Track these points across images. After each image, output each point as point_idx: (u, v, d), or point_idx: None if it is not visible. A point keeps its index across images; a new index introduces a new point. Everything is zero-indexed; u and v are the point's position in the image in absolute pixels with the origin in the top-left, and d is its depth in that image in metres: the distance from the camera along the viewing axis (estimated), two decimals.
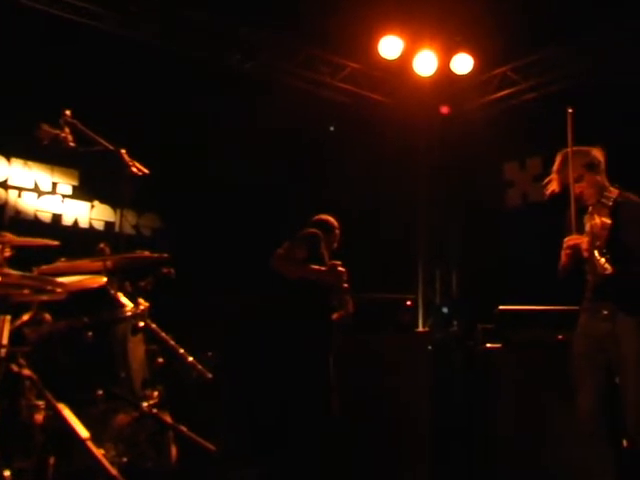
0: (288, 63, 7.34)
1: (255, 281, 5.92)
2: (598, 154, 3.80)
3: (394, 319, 5.76)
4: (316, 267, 4.35)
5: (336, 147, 7.72)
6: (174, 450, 3.47)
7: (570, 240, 3.67)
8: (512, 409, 5.17)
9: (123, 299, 3.65)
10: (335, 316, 4.57)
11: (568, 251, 3.64)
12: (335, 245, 4.76)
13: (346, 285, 4.53)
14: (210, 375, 3.96)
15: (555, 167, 3.81)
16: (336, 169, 7.53)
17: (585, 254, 3.55)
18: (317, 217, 4.80)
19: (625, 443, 3.68)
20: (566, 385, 3.85)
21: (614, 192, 3.70)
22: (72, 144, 3.63)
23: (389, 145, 7.92)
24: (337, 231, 4.77)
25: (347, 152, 7.69)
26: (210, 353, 5.15)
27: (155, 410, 3.39)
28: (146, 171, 3.95)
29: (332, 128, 8.03)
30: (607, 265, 3.39)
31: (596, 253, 3.43)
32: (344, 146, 7.73)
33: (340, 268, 4.45)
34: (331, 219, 4.79)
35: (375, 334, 5.65)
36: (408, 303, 5.85)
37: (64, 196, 6.62)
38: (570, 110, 3.80)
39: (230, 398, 5.32)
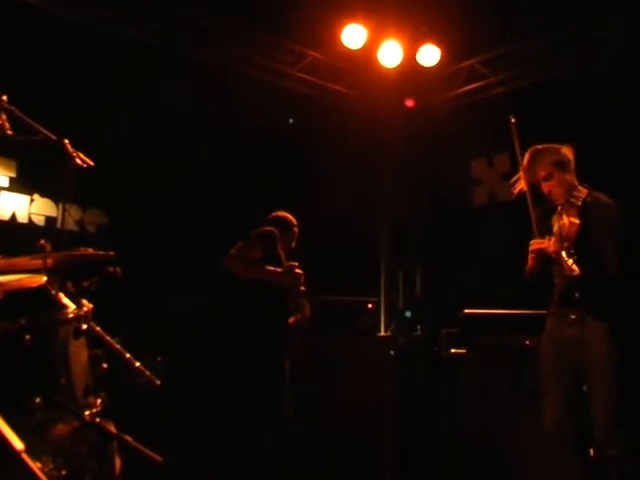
0: (245, 50, 7.30)
1: (207, 281, 5.89)
2: (568, 152, 3.87)
3: (354, 323, 5.77)
4: (271, 268, 4.34)
5: (295, 140, 7.70)
6: (118, 462, 3.42)
7: (534, 244, 3.74)
8: (477, 416, 5.24)
9: (65, 300, 3.59)
10: (291, 320, 4.57)
11: (533, 255, 3.72)
12: (293, 244, 4.76)
13: (303, 288, 4.53)
14: (158, 381, 3.91)
15: (523, 165, 3.86)
16: (295, 164, 7.53)
17: (552, 255, 3.61)
18: (274, 214, 4.79)
19: (592, 452, 3.76)
20: (533, 391, 3.91)
21: (583, 191, 3.78)
22: (9, 132, 3.54)
23: (351, 139, 7.94)
24: (295, 229, 4.76)
25: (307, 146, 7.69)
26: (159, 358, 5.11)
27: (98, 419, 3.33)
28: (91, 163, 3.88)
29: (291, 121, 8.02)
30: (575, 266, 3.46)
31: (564, 254, 3.50)
32: (304, 139, 7.72)
33: (297, 270, 4.44)
34: (289, 216, 4.79)
35: (335, 338, 5.67)
36: (369, 306, 5.87)
37: (0, 188, 6.49)
38: (513, 120, 3.89)
39: (179, 405, 5.27)
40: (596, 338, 3.62)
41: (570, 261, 3.49)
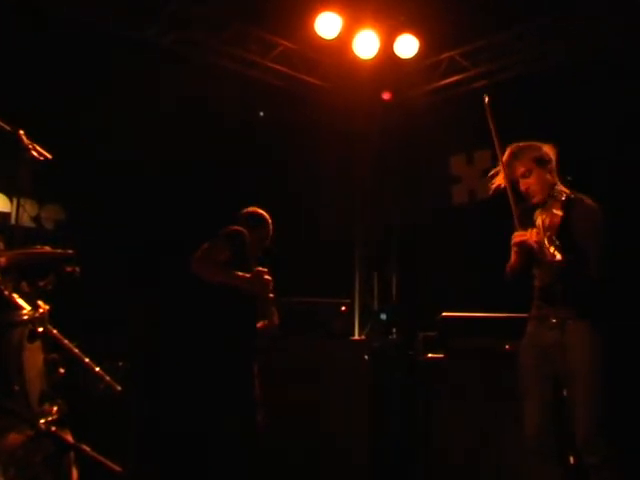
0: (213, 39, 7.26)
1: (173, 283, 5.85)
2: (550, 151, 3.92)
3: (327, 326, 5.78)
4: (239, 274, 4.32)
5: (266, 135, 7.68)
6: (75, 473, 3.39)
7: (516, 236, 3.77)
8: (455, 423, 5.27)
9: (19, 301, 3.55)
10: (259, 325, 4.55)
11: (516, 248, 3.75)
12: (267, 243, 4.73)
13: (271, 295, 4.51)
14: (119, 387, 3.89)
15: (503, 160, 3.89)
16: (265, 159, 7.50)
17: (534, 245, 3.63)
18: (247, 211, 4.76)
19: (572, 459, 3.80)
20: (512, 398, 3.94)
21: (565, 191, 3.82)
22: None
23: (325, 134, 7.95)
24: (269, 226, 4.73)
25: (278, 140, 7.67)
26: (120, 363, 5.06)
27: (54, 428, 3.30)
28: (48, 155, 3.85)
29: (262, 113, 7.99)
30: (557, 252, 3.49)
31: (546, 241, 3.53)
32: (275, 134, 7.70)
33: (266, 276, 4.43)
34: (263, 213, 4.75)
35: (307, 342, 5.67)
36: (343, 308, 5.88)
37: None
38: (487, 99, 3.92)
39: (141, 413, 5.24)
40: (578, 342, 3.66)
41: (552, 248, 3.51)
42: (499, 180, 3.90)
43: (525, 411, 3.80)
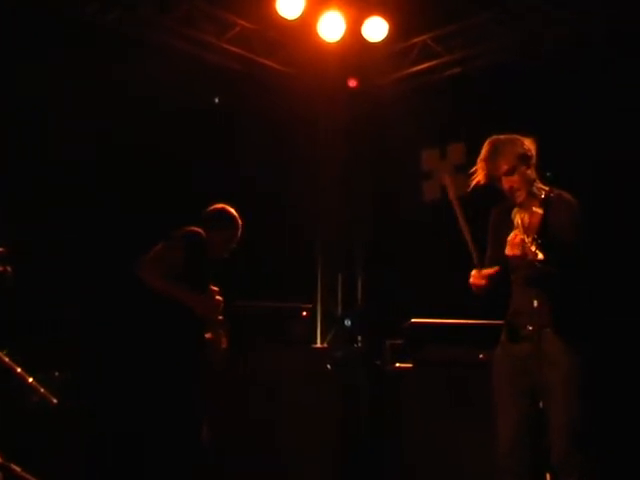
0: (162, 17, 7.19)
1: (116, 287, 5.79)
2: (531, 145, 3.95)
3: (286, 332, 5.77)
4: (185, 292, 4.28)
5: (221, 124, 7.64)
6: None
7: (474, 278, 3.86)
8: (424, 438, 5.29)
9: None
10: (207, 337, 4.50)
11: (474, 288, 3.83)
12: (234, 245, 4.65)
13: (221, 318, 4.48)
14: (55, 400, 3.84)
15: (482, 155, 3.90)
16: (220, 151, 7.46)
17: (515, 251, 3.64)
18: (213, 208, 4.68)
19: (548, 477, 3.83)
20: (486, 412, 3.96)
21: (544, 188, 3.88)
22: None
23: (286, 123, 7.92)
24: (238, 228, 4.63)
25: (235, 130, 7.64)
26: (56, 373, 5.01)
27: None
28: None
29: (217, 100, 7.94)
30: (539, 252, 3.53)
31: (526, 239, 3.57)
32: (231, 123, 7.66)
33: (217, 297, 4.41)
34: (231, 212, 4.66)
35: (263, 350, 5.65)
36: (303, 313, 5.88)
37: None
38: (447, 178, 4.08)
39: (79, 428, 5.19)
40: (555, 352, 3.69)
41: (533, 247, 3.54)
42: (479, 176, 3.91)
43: (499, 426, 3.82)
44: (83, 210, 6.44)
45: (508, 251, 3.68)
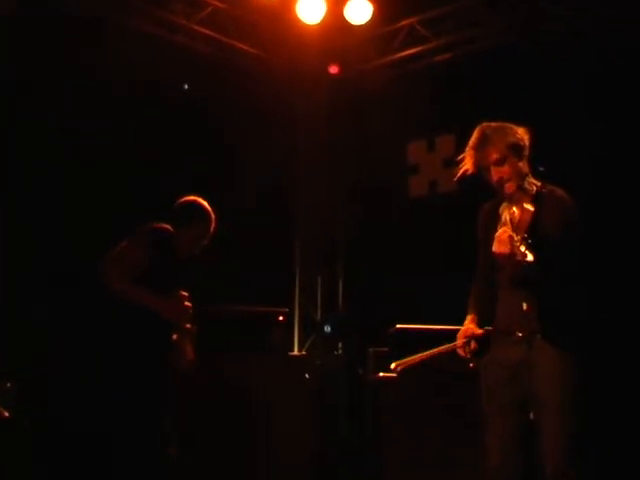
0: None
1: (75, 287, 5.78)
2: (525, 136, 3.96)
3: (261, 339, 5.77)
4: (150, 297, 4.27)
5: (191, 112, 7.62)
6: None
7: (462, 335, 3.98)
8: (410, 453, 5.31)
9: None
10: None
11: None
12: (206, 242, 4.62)
13: (189, 326, 4.47)
14: (7, 413, 3.82)
15: (471, 142, 3.93)
16: (190, 141, 7.45)
17: (502, 249, 3.66)
18: (184, 201, 4.65)
19: None
20: (476, 424, 3.98)
21: (536, 183, 3.90)
22: None
23: (261, 113, 7.91)
24: (211, 223, 4.58)
25: (206, 119, 7.62)
26: (9, 384, 4.99)
27: None
28: None
29: (186, 86, 7.92)
30: (528, 252, 3.55)
31: (515, 237, 3.58)
32: (202, 111, 7.65)
33: (185, 303, 4.40)
34: (203, 205, 4.61)
35: (237, 358, 5.65)
36: (280, 318, 5.88)
37: None
38: (395, 366, 4.17)
39: (33, 442, 5.17)
40: (546, 360, 3.70)
41: (523, 247, 3.55)
42: (467, 165, 3.93)
43: (488, 439, 3.84)
44: (43, 207, 6.43)
45: (495, 248, 3.68)
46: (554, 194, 3.88)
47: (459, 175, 3.97)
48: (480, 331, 3.94)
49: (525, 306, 3.75)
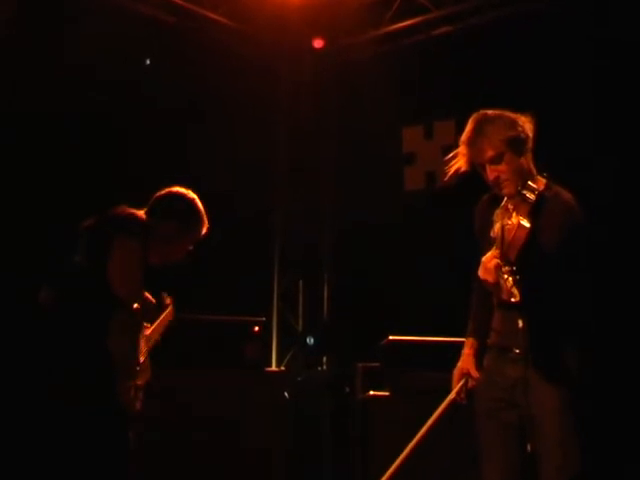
0: None
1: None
2: (527, 125, 3.88)
3: (234, 352, 5.78)
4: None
5: (154, 92, 7.61)
6: None
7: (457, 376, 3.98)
8: None
9: None
10: None
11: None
12: (192, 247, 4.53)
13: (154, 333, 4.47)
14: None
15: (464, 136, 3.88)
16: (154, 126, 7.44)
17: (486, 277, 3.67)
18: (171, 192, 4.53)
19: None
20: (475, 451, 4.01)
21: (540, 182, 3.86)
22: None
23: (235, 93, 7.90)
24: (204, 225, 4.48)
25: (171, 100, 7.61)
26: None
27: None
28: None
29: (148, 62, 7.90)
30: (515, 290, 3.53)
31: (503, 270, 3.56)
32: (168, 90, 7.64)
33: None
34: (198, 205, 4.47)
35: (208, 375, 5.65)
36: (255, 329, 5.88)
37: None
38: None
39: None
40: (542, 381, 3.71)
41: (510, 281, 3.54)
42: (460, 162, 3.89)
43: (484, 469, 3.87)
44: None
45: (480, 273, 3.67)
46: (559, 199, 3.83)
47: (451, 174, 3.94)
48: (477, 374, 3.94)
49: (521, 323, 3.72)
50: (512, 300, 3.55)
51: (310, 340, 8.37)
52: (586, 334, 3.89)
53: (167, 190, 4.45)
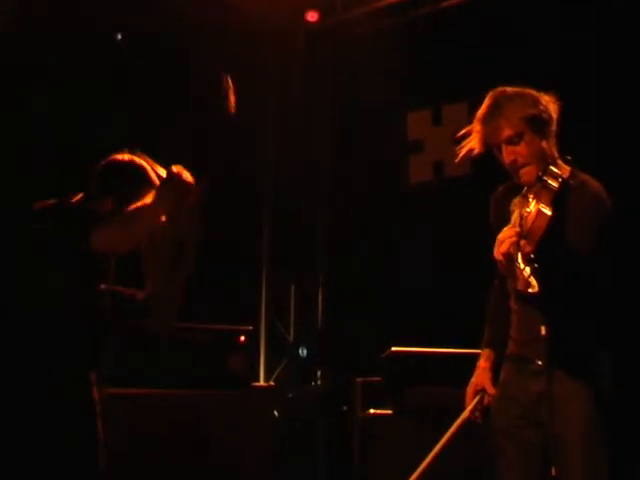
0: None
1: None
2: (551, 105, 3.89)
3: (217, 365, 5.76)
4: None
5: (123, 72, 7.60)
6: None
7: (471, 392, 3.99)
8: None
9: None
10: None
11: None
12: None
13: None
14: None
15: (479, 114, 3.88)
16: (127, 107, 7.43)
17: (500, 259, 3.61)
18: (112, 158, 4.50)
19: None
20: (491, 475, 3.98)
21: (564, 169, 3.83)
22: None
23: (220, 70, 7.87)
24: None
25: (146, 79, 7.59)
26: None
27: None
28: None
29: (120, 36, 7.89)
30: (533, 280, 3.48)
31: (520, 259, 3.52)
32: (141, 68, 7.62)
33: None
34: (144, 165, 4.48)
35: (188, 390, 5.63)
36: (241, 339, 5.87)
37: None
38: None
39: None
40: (569, 397, 3.69)
41: (527, 271, 3.49)
42: (472, 143, 3.90)
43: None
44: None
45: (495, 252, 3.61)
46: (586, 189, 3.81)
47: (462, 155, 3.97)
48: (493, 391, 3.94)
49: (544, 330, 3.64)
50: (529, 291, 3.50)
51: (303, 351, 8.39)
52: (614, 340, 3.88)
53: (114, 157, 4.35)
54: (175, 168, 3.93)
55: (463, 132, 3.95)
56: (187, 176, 3.92)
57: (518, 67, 6.54)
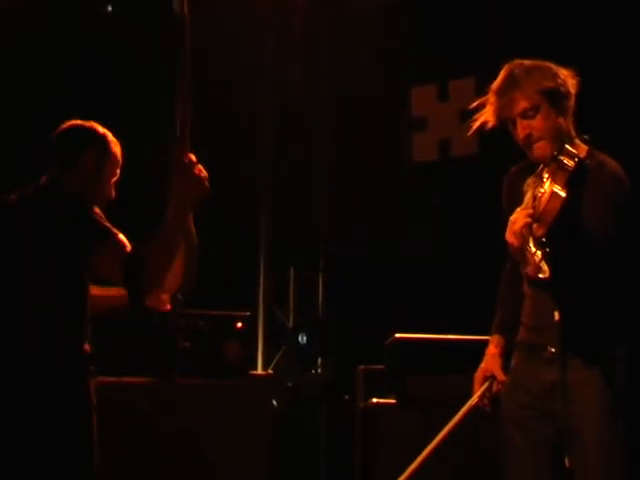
0: None
1: None
2: (570, 80, 3.87)
3: (213, 353, 5.77)
4: None
5: (118, 46, 7.61)
6: None
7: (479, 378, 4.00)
8: None
9: None
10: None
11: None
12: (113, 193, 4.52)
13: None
14: None
15: (494, 85, 3.88)
16: (113, 87, 7.44)
17: (511, 241, 3.62)
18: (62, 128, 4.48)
19: None
20: (497, 469, 4.01)
21: (581, 148, 3.84)
22: None
23: (213, 50, 7.87)
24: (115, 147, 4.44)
25: (136, 57, 7.59)
26: None
27: None
28: None
29: (110, 8, 7.90)
30: (544, 264, 3.50)
31: (531, 243, 3.53)
32: (132, 43, 7.63)
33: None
34: (95, 127, 4.44)
35: (182, 379, 5.65)
36: (238, 325, 5.88)
37: None
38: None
39: None
40: (585, 387, 3.71)
41: (539, 254, 3.50)
42: (486, 116, 3.89)
43: None
44: None
45: (507, 236, 3.60)
46: (604, 170, 3.80)
47: (475, 128, 3.96)
48: (503, 377, 3.96)
49: (557, 315, 3.64)
50: (540, 276, 3.51)
51: (302, 338, 8.42)
52: (631, 326, 3.90)
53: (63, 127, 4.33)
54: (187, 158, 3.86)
55: (475, 105, 3.93)
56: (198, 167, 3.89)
57: (531, 40, 6.54)
